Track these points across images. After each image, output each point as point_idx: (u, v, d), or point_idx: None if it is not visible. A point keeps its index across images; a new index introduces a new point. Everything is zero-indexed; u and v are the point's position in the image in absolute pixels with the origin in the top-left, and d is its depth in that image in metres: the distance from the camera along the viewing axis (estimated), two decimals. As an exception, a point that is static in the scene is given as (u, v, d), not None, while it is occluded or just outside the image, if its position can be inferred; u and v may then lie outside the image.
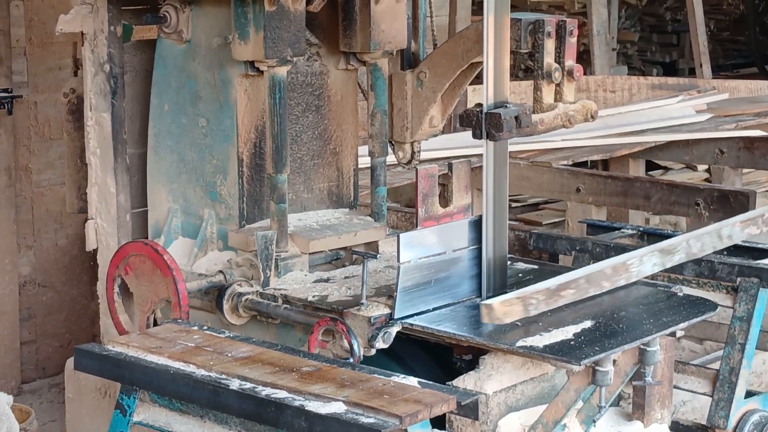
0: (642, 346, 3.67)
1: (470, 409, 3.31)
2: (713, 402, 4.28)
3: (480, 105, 3.82)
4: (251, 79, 4.19)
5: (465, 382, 3.64)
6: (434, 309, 3.89)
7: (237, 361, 3.53)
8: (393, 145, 4.49)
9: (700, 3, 10.84)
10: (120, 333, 4.13)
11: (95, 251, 4.51)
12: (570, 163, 6.82)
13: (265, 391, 3.28)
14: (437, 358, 4.03)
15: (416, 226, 3.87)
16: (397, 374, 3.39)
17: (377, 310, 3.82)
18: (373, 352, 3.73)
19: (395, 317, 3.79)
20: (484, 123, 3.79)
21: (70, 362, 4.53)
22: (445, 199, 3.95)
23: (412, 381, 3.33)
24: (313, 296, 3.98)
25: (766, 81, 9.30)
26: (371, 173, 4.48)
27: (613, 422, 3.86)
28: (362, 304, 3.85)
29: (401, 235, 3.80)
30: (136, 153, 4.51)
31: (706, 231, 4.11)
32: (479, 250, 3.96)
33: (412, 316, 3.82)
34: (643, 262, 3.86)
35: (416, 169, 3.86)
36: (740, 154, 6.93)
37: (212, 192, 4.30)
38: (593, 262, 4.65)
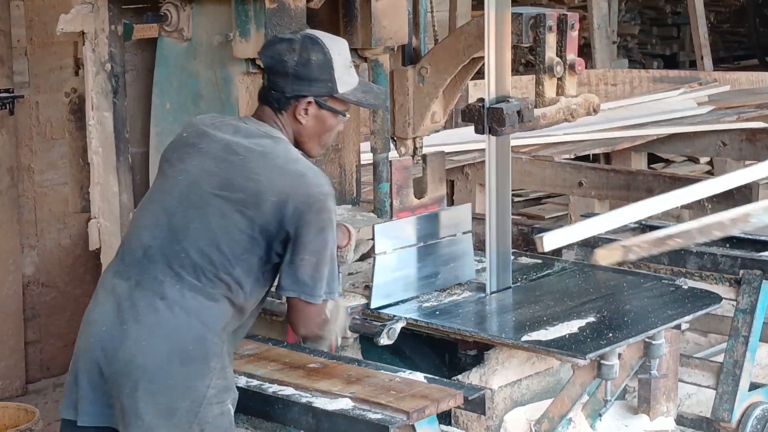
0: (647, 340, 3.67)
1: (477, 404, 3.31)
2: (717, 395, 4.28)
3: (482, 100, 3.82)
4: (253, 77, 4.18)
5: (470, 377, 3.64)
6: (410, 299, 3.93)
7: (243, 358, 3.53)
8: (395, 141, 4.49)
9: (700, -5, 10.83)
10: (125, 332, 4.12)
11: (98, 251, 4.50)
12: (572, 157, 6.82)
13: (272, 389, 3.29)
14: (441, 354, 4.03)
15: (391, 217, 3.89)
16: (404, 370, 3.40)
17: (353, 300, 3.87)
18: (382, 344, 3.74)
19: (372, 307, 3.83)
20: (486, 118, 3.79)
21: (75, 362, 4.52)
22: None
23: (419, 376, 3.33)
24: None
25: (767, 72, 9.29)
26: (374, 169, 4.48)
27: (619, 416, 3.87)
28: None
29: (376, 226, 3.83)
30: (138, 152, 4.50)
31: None
32: (454, 240, 3.97)
33: (388, 306, 3.85)
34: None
35: (389, 161, 3.89)
36: (742, 146, 6.93)
37: (215, 190, 4.28)
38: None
